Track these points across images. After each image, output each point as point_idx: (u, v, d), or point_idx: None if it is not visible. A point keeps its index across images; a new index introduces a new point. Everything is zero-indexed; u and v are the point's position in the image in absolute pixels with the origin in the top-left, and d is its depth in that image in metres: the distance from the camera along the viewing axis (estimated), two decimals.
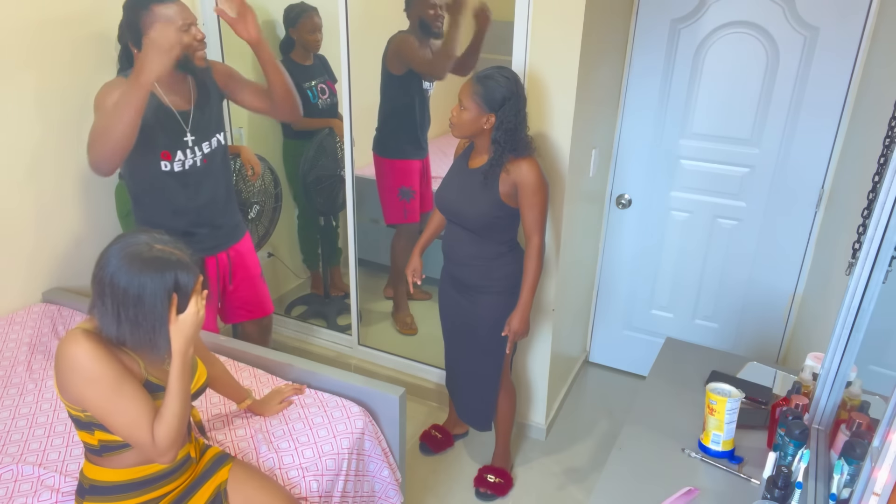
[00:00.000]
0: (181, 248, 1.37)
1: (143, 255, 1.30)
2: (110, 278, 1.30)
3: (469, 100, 1.94)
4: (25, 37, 2.26)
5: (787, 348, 2.81)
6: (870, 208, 1.46)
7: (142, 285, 1.29)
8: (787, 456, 1.38)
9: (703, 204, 2.79)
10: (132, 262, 1.29)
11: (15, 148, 2.31)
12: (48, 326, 2.29)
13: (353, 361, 3.06)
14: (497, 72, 1.94)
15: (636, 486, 1.46)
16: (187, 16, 1.95)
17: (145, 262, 1.30)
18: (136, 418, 1.33)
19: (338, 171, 3.07)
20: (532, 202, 1.99)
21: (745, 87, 2.55)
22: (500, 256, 2.10)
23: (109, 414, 1.32)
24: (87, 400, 1.32)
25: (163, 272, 1.31)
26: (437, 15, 2.84)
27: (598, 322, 3.20)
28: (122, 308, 1.30)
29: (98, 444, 1.39)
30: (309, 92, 3.11)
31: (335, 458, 1.79)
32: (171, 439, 1.35)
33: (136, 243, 1.32)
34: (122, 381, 1.32)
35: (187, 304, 1.36)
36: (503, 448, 2.47)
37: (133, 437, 1.34)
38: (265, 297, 2.52)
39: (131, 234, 1.36)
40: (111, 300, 1.30)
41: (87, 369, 1.30)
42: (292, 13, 3.05)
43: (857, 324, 1.40)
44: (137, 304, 1.30)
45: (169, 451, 1.36)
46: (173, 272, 1.32)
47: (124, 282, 1.29)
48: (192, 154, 2.09)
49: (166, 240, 1.36)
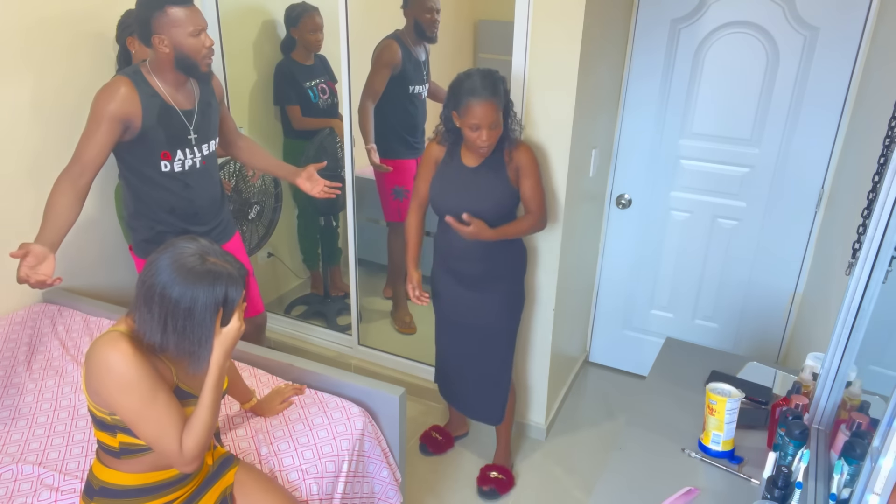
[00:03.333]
0: (230, 260, 1.37)
1: (196, 269, 1.30)
2: (161, 288, 1.29)
3: (498, 117, 1.96)
4: (25, 35, 2.26)
5: (787, 348, 2.81)
6: (870, 208, 1.46)
7: (194, 298, 1.29)
8: (787, 456, 1.38)
9: (703, 204, 2.79)
10: (186, 274, 1.29)
11: (15, 148, 2.31)
12: (48, 326, 2.29)
13: (352, 361, 3.06)
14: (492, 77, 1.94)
15: (636, 486, 1.46)
16: (199, 21, 1.94)
17: (199, 275, 1.29)
18: (167, 427, 1.32)
19: (338, 171, 3.07)
20: (533, 182, 2.10)
21: (745, 87, 2.55)
22: (505, 243, 2.15)
23: (140, 421, 1.31)
24: (118, 405, 1.31)
25: (214, 286, 1.30)
26: (433, 20, 2.85)
27: (598, 322, 3.20)
28: (170, 318, 1.29)
29: (118, 447, 1.38)
30: (310, 91, 3.11)
31: (335, 460, 1.79)
32: (199, 449, 1.35)
33: (187, 254, 1.31)
34: (157, 390, 1.32)
35: (231, 317, 1.36)
36: (504, 446, 2.48)
37: (161, 445, 1.33)
38: (257, 297, 2.52)
39: (181, 243, 1.35)
40: (159, 309, 1.29)
41: (123, 375, 1.29)
42: (293, 13, 3.05)
43: (857, 324, 1.40)
44: (187, 316, 1.30)
45: (195, 460, 1.36)
46: (224, 286, 1.32)
47: (177, 293, 1.28)
48: (191, 154, 2.08)
49: (217, 251, 1.36)
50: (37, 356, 2.15)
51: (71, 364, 2.11)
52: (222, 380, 1.39)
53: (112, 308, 2.41)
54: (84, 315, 2.36)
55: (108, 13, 2.48)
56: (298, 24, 3.04)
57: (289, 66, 3.10)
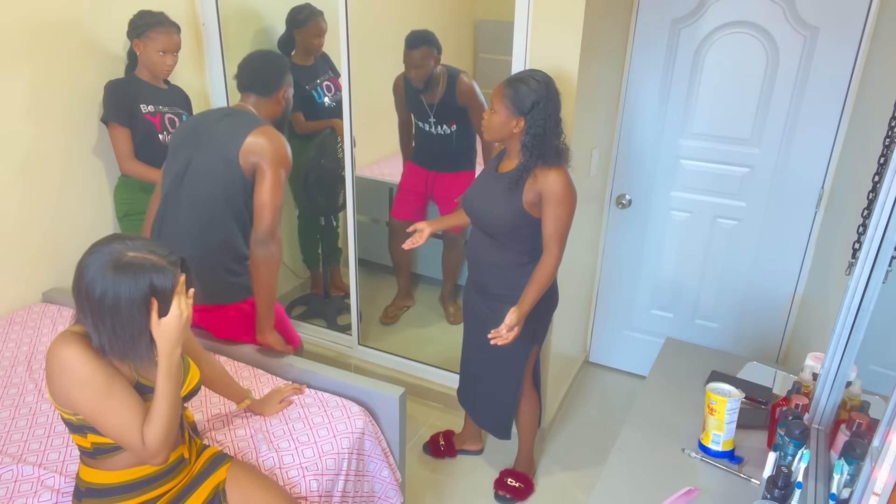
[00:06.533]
0: (156, 250, 1.34)
1: (116, 263, 1.28)
2: (86, 289, 1.28)
3: (499, 103, 1.90)
4: (24, 34, 2.26)
5: (787, 348, 2.81)
6: (870, 208, 1.46)
7: (116, 295, 1.27)
8: (787, 456, 1.38)
9: (703, 204, 2.79)
10: (106, 270, 1.28)
11: (15, 148, 2.31)
12: (48, 326, 2.29)
13: (353, 361, 3.06)
14: (528, 75, 1.90)
15: (636, 486, 1.46)
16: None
17: (118, 269, 1.28)
18: (126, 420, 1.33)
19: (338, 170, 3.07)
20: (555, 214, 1.90)
21: (745, 87, 2.55)
22: (521, 266, 2.03)
23: (99, 416, 1.32)
24: (77, 402, 1.31)
25: (136, 278, 1.28)
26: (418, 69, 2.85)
27: (598, 322, 3.20)
28: (99, 318, 1.29)
29: (91, 447, 1.39)
30: (314, 92, 3.11)
31: (335, 458, 1.79)
32: (161, 441, 1.35)
33: (109, 251, 1.30)
34: (112, 384, 1.32)
35: (169, 306, 1.35)
36: (526, 453, 2.44)
37: (123, 439, 1.34)
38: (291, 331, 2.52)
39: (105, 241, 1.33)
40: (90, 311, 1.29)
41: (77, 372, 1.29)
42: (300, 15, 3.02)
43: (857, 324, 1.40)
44: (114, 314, 1.28)
45: (159, 452, 1.36)
46: (147, 277, 1.30)
47: (99, 291, 1.27)
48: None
49: (139, 244, 1.33)
50: (37, 356, 2.15)
51: None
52: (175, 370, 1.37)
53: None
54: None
55: (108, 12, 2.49)
56: (305, 26, 3.02)
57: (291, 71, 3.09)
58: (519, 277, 2.02)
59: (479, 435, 2.62)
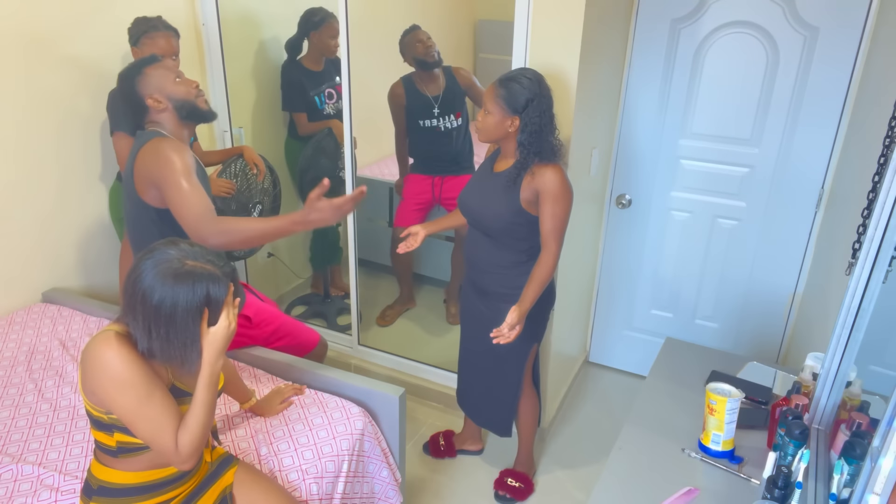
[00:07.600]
0: (212, 259, 1.36)
1: (175, 272, 1.29)
2: (142, 294, 1.29)
3: (493, 103, 1.90)
4: (24, 34, 2.26)
5: (787, 348, 2.81)
6: (870, 208, 1.46)
7: (174, 303, 1.28)
8: (787, 456, 1.38)
9: (703, 204, 2.79)
10: (165, 278, 1.28)
11: (15, 148, 2.31)
12: (48, 326, 2.29)
13: (353, 361, 3.06)
14: (519, 73, 1.90)
15: (636, 486, 1.46)
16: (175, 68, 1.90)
17: (178, 278, 1.29)
18: (163, 425, 1.33)
19: (337, 171, 3.07)
20: (553, 211, 1.90)
21: (745, 87, 2.55)
22: (519, 265, 2.03)
23: (136, 418, 1.32)
24: (114, 403, 1.31)
25: (194, 287, 1.30)
26: (427, 47, 2.90)
27: (598, 322, 3.20)
28: (153, 325, 1.29)
29: (116, 446, 1.38)
30: (316, 99, 3.11)
31: (335, 460, 1.79)
32: (195, 447, 1.35)
33: (167, 259, 1.31)
34: (152, 388, 1.32)
35: (219, 316, 1.36)
36: (526, 453, 2.44)
37: (157, 443, 1.33)
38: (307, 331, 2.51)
39: (162, 247, 1.34)
40: (143, 316, 1.29)
41: (118, 373, 1.29)
42: (316, 17, 3.01)
43: (857, 324, 1.40)
44: (169, 322, 1.29)
45: (191, 458, 1.36)
46: (205, 286, 1.31)
47: (157, 298, 1.28)
48: None
49: (196, 252, 1.35)
50: (37, 356, 2.15)
51: (71, 364, 2.11)
52: (216, 378, 1.39)
53: (112, 308, 2.41)
54: (84, 315, 2.36)
55: (100, 20, 2.49)
56: (321, 28, 3.01)
57: (297, 73, 3.08)
58: (518, 276, 2.02)
59: (479, 435, 2.62)
